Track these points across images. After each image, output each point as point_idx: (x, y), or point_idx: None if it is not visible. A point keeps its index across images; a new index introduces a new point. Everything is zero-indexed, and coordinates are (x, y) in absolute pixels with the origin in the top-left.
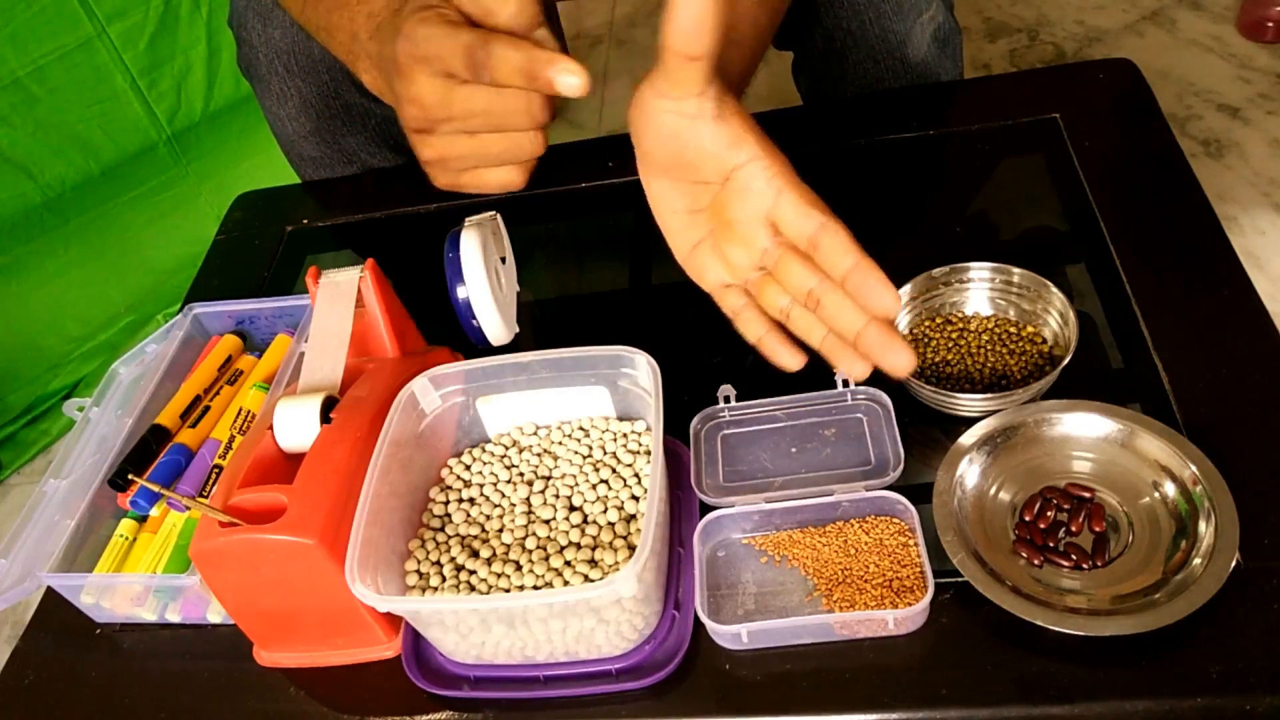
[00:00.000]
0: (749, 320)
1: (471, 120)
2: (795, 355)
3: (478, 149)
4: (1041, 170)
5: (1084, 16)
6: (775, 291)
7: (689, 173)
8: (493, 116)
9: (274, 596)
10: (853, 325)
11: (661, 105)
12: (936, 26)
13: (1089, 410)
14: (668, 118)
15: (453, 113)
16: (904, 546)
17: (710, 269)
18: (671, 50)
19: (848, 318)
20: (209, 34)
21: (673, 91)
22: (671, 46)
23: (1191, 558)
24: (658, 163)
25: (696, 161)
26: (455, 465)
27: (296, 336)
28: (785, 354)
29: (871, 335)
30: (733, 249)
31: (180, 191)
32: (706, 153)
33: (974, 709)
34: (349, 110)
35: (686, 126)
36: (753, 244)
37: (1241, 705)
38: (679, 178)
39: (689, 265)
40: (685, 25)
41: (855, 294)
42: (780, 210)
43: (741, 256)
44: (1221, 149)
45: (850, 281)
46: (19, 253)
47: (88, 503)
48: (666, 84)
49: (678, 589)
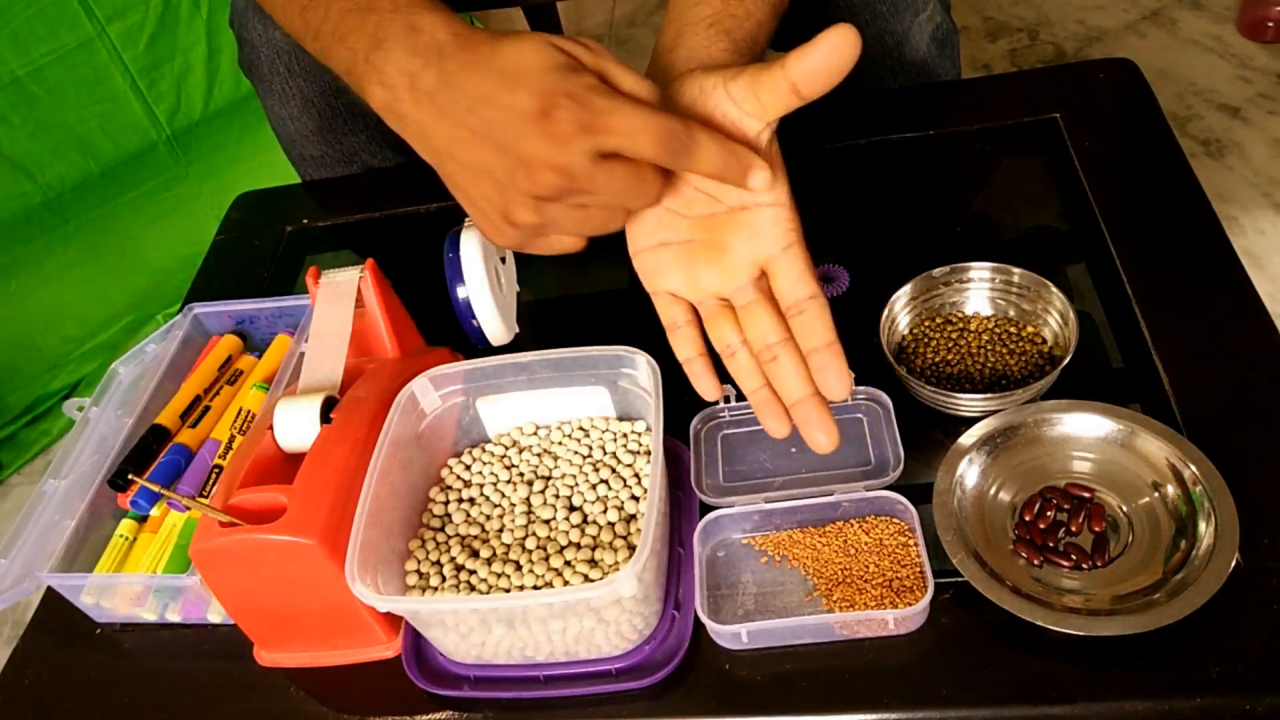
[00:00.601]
0: (684, 339)
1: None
2: (716, 387)
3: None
4: (1041, 170)
5: (1084, 16)
6: (728, 329)
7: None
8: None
9: (274, 596)
10: (795, 392)
11: (726, 107)
12: (934, 26)
13: (1089, 410)
14: (723, 121)
15: (594, 186)
16: (904, 546)
17: (669, 275)
18: (788, 75)
19: (794, 385)
20: (209, 34)
21: (748, 105)
22: (791, 73)
23: (1191, 558)
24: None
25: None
26: (455, 465)
27: (296, 336)
28: (708, 383)
29: (809, 409)
30: (707, 271)
31: (180, 191)
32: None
33: (974, 709)
34: (351, 110)
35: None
36: (732, 277)
37: (1241, 705)
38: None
39: (642, 260)
40: (817, 67)
41: (817, 371)
42: (780, 263)
43: (712, 281)
44: (1221, 149)
45: (817, 358)
46: (19, 253)
47: (88, 503)
48: (749, 94)
49: (678, 589)
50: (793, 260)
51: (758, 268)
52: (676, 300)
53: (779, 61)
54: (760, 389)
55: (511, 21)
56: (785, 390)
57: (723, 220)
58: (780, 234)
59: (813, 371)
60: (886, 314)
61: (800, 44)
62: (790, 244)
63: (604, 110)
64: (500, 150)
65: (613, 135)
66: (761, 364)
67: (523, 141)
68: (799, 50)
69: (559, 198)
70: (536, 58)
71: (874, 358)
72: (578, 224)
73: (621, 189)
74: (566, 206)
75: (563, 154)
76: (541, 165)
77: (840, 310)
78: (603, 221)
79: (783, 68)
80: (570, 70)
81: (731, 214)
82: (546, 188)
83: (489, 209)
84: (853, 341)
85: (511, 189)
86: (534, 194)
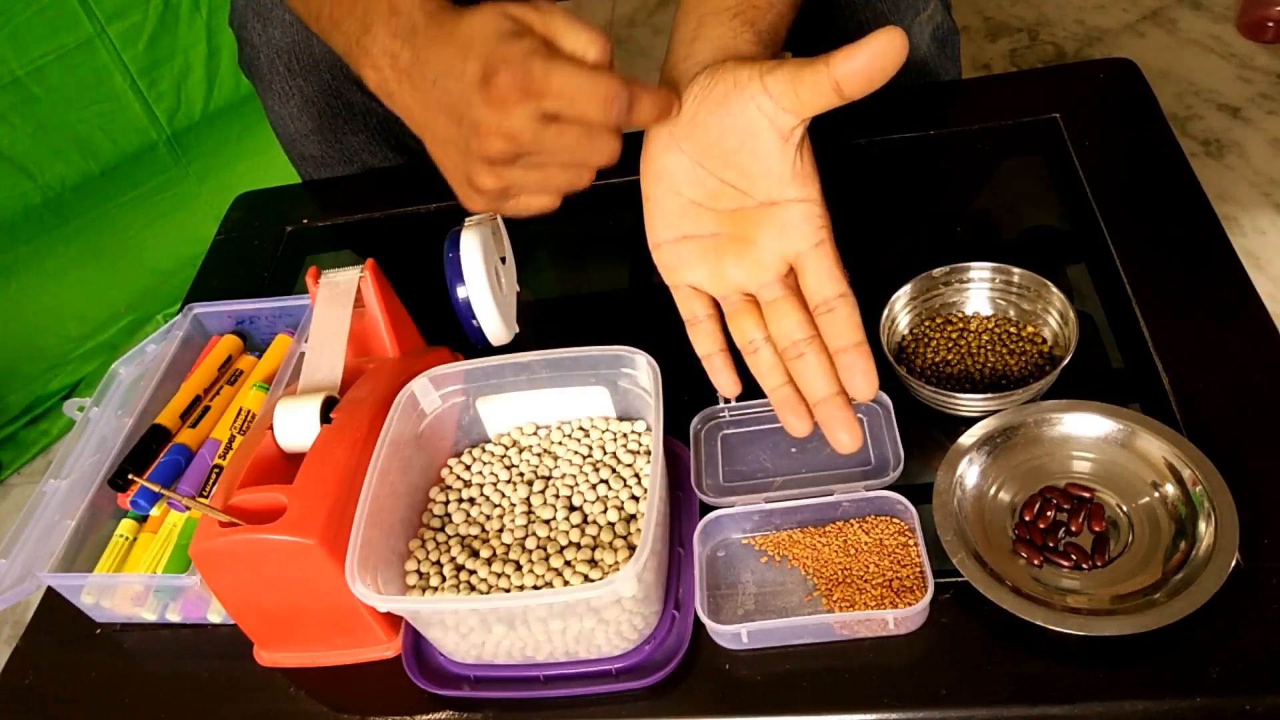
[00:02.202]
0: (705, 334)
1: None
2: (736, 383)
3: (542, 181)
4: (1041, 170)
5: (1084, 16)
6: (751, 324)
7: (729, 171)
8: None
9: (274, 596)
10: (820, 391)
11: (761, 100)
12: (935, 26)
13: (1089, 410)
14: (757, 115)
15: (543, 147)
16: (904, 546)
17: (692, 269)
18: (832, 72)
19: (820, 384)
20: (209, 34)
21: (785, 100)
22: (836, 71)
23: (1191, 558)
24: (701, 141)
25: (749, 168)
26: (455, 465)
27: (296, 336)
28: (727, 378)
29: (833, 407)
30: (734, 265)
31: (180, 191)
32: (768, 170)
33: (974, 709)
34: (350, 109)
35: (766, 133)
36: (759, 272)
37: (1241, 705)
38: (712, 168)
39: (663, 253)
40: (863, 66)
41: (844, 370)
42: (810, 261)
43: (738, 275)
44: (1221, 149)
45: (845, 357)
46: (19, 253)
47: (88, 503)
48: (787, 89)
49: (678, 589)
50: (823, 257)
51: (786, 263)
52: (698, 294)
53: (822, 59)
54: (783, 386)
55: None
56: (810, 388)
57: (751, 214)
58: (811, 230)
59: (840, 370)
60: (886, 314)
61: (799, 44)
62: (821, 240)
63: (540, 73)
64: (457, 119)
65: (551, 98)
66: (786, 361)
67: (472, 109)
68: (845, 49)
69: (511, 161)
70: (484, 26)
71: (874, 358)
72: (540, 184)
73: (575, 148)
74: (523, 168)
75: (506, 119)
76: (489, 131)
77: None
78: (567, 180)
79: (826, 65)
80: (512, 35)
81: (761, 209)
82: (498, 152)
83: (458, 176)
84: None
85: (470, 156)
86: (487, 158)
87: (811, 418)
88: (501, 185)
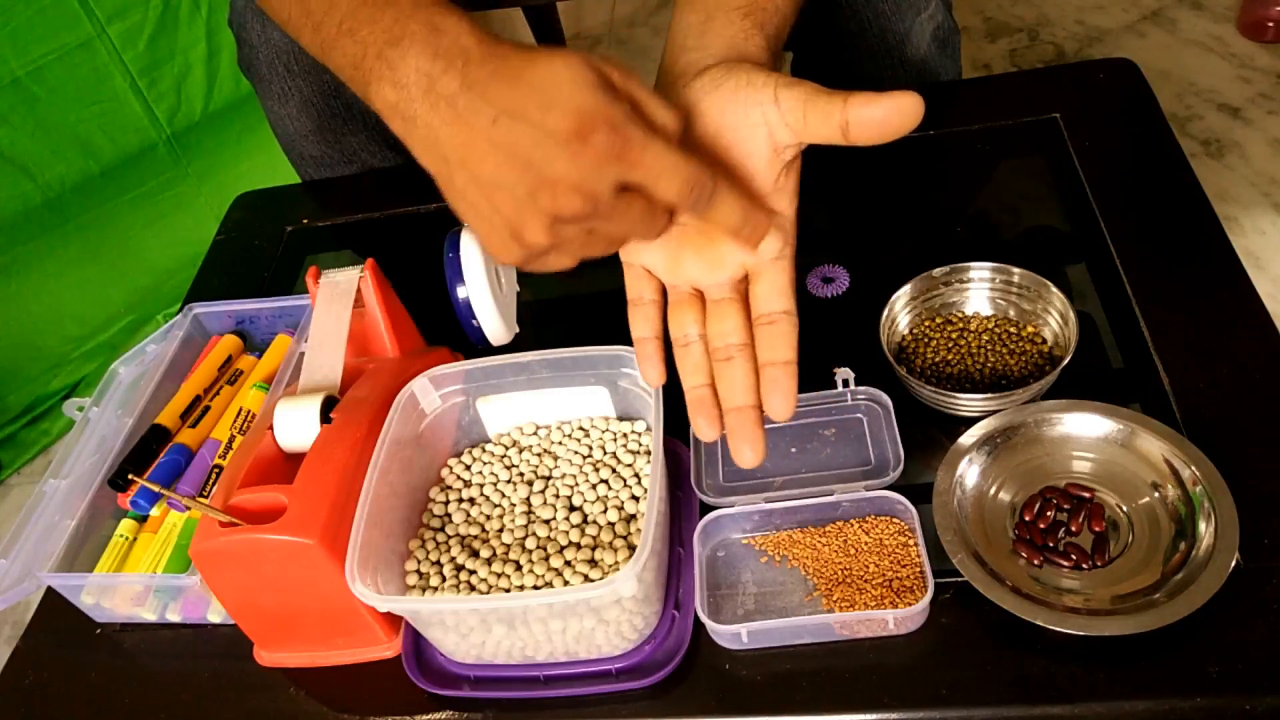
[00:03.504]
0: (645, 318)
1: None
2: (662, 373)
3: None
4: (1041, 170)
5: (1084, 16)
6: (691, 319)
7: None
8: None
9: (274, 596)
10: (737, 400)
11: (768, 109)
12: (936, 26)
13: (1089, 410)
14: (760, 121)
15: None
16: (904, 546)
17: (650, 252)
18: (845, 112)
19: (739, 392)
20: (209, 34)
21: (791, 117)
22: (850, 112)
23: (1191, 558)
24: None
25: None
26: (455, 465)
27: (296, 336)
28: (655, 368)
29: (745, 420)
30: (692, 259)
31: (180, 191)
32: (751, 176)
33: (974, 709)
34: (350, 109)
35: (762, 141)
36: (715, 272)
37: (1241, 705)
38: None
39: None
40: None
41: (767, 384)
42: (767, 271)
43: (693, 270)
44: (1221, 149)
45: (773, 371)
46: (19, 253)
47: (88, 503)
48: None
49: (678, 589)
50: (780, 272)
51: (743, 270)
52: (649, 277)
53: (841, 94)
54: (703, 386)
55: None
56: (729, 394)
57: None
58: (775, 246)
59: (763, 384)
60: (886, 314)
61: (800, 44)
62: (782, 255)
63: (639, 144)
64: (525, 167)
65: (641, 170)
66: (714, 361)
67: (551, 163)
68: (866, 95)
69: (577, 221)
70: (572, 75)
71: (874, 358)
72: (583, 247)
73: (634, 221)
74: (579, 230)
75: (591, 179)
76: (568, 188)
77: (840, 310)
78: (603, 247)
79: (844, 102)
80: (608, 94)
81: None
82: (571, 212)
83: (499, 224)
84: (853, 341)
85: (530, 207)
86: (554, 215)
87: (721, 426)
88: (551, 243)
